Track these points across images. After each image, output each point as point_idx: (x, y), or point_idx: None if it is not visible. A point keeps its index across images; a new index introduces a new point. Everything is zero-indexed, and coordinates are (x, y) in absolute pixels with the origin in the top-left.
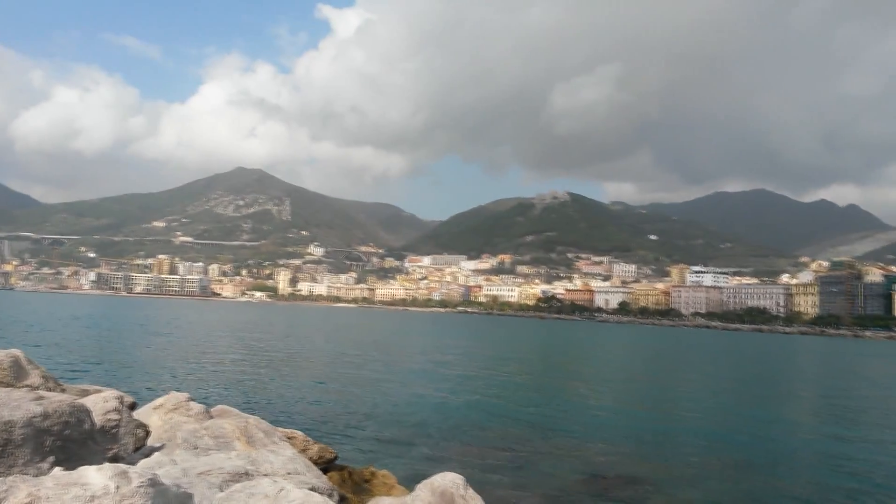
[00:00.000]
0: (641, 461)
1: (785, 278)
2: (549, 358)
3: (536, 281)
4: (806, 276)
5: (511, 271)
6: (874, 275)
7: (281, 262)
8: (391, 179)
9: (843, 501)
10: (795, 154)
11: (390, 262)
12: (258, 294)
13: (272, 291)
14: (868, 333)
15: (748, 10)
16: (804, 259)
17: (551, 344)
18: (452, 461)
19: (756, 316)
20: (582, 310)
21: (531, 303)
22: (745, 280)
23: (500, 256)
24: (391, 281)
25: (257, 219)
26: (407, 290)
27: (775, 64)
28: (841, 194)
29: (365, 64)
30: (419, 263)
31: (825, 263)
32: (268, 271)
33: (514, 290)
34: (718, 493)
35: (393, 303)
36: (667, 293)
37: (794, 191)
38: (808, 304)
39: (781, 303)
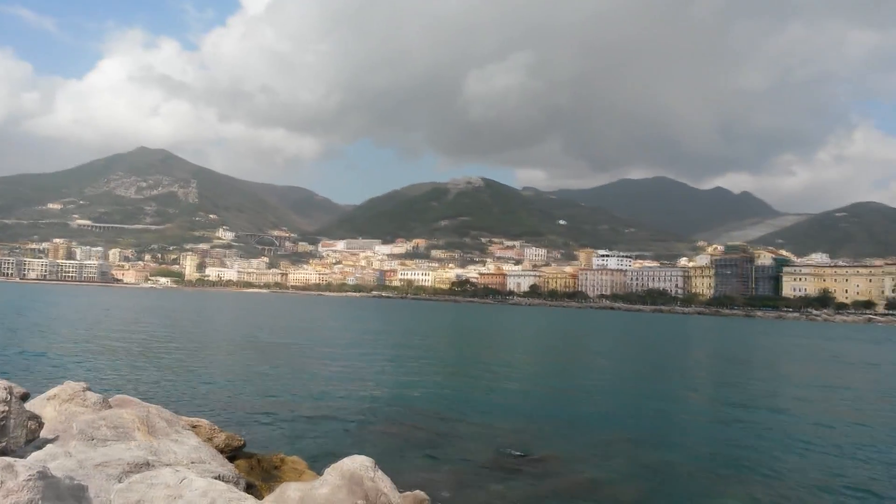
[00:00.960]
0: (549, 439)
1: (683, 261)
2: (461, 341)
3: (451, 265)
4: (703, 260)
5: (426, 256)
6: (765, 258)
7: (188, 246)
8: (304, 162)
9: (733, 472)
10: (694, 143)
11: (304, 247)
12: (163, 280)
13: (178, 277)
14: (759, 313)
15: (651, 4)
16: (701, 243)
17: (463, 327)
18: (364, 444)
19: (657, 297)
20: (495, 293)
21: (445, 287)
22: (647, 263)
23: (415, 241)
24: (304, 266)
25: (161, 201)
26: (321, 274)
27: (676, 58)
28: (735, 182)
29: (276, 42)
30: (333, 248)
31: (720, 247)
32: (173, 256)
33: (428, 275)
34: (622, 468)
35: (307, 288)
36: (574, 276)
37: (693, 178)
38: (704, 286)
39: (680, 285)
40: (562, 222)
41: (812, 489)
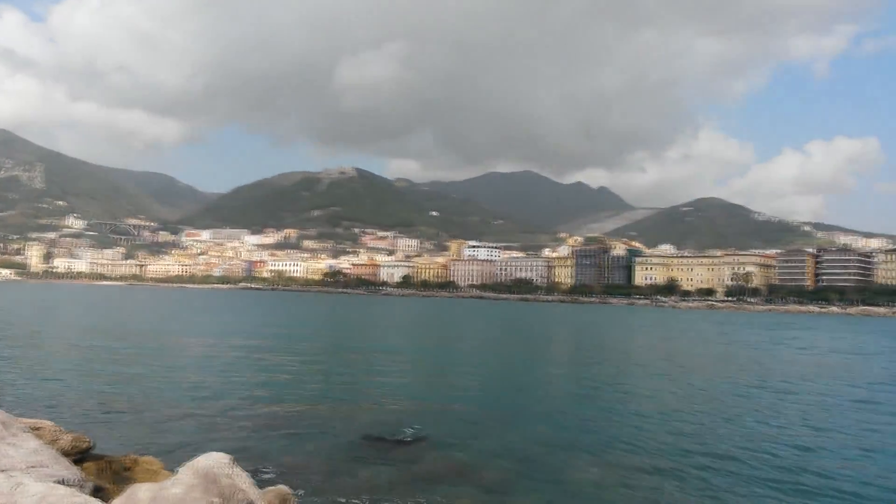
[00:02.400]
0: (420, 423)
1: (547, 252)
2: (331, 331)
3: (322, 256)
4: (564, 251)
5: (297, 246)
6: (619, 249)
7: (32, 235)
8: (165, 147)
9: (592, 445)
10: (557, 139)
11: (165, 237)
12: (4, 272)
13: (21, 268)
14: (613, 300)
15: (518, 4)
16: (563, 235)
17: (334, 317)
18: (226, 441)
19: (522, 286)
20: (367, 284)
21: (317, 277)
22: (514, 254)
23: (286, 231)
24: (165, 256)
25: (2, 186)
26: (183, 265)
27: (541, 58)
28: (594, 177)
29: (135, 18)
30: (198, 238)
31: (580, 239)
32: (16, 246)
33: (299, 265)
34: (490, 448)
35: (168, 279)
36: (446, 267)
37: (556, 172)
38: (565, 276)
39: (544, 274)
40: (434, 214)
41: (661, 454)
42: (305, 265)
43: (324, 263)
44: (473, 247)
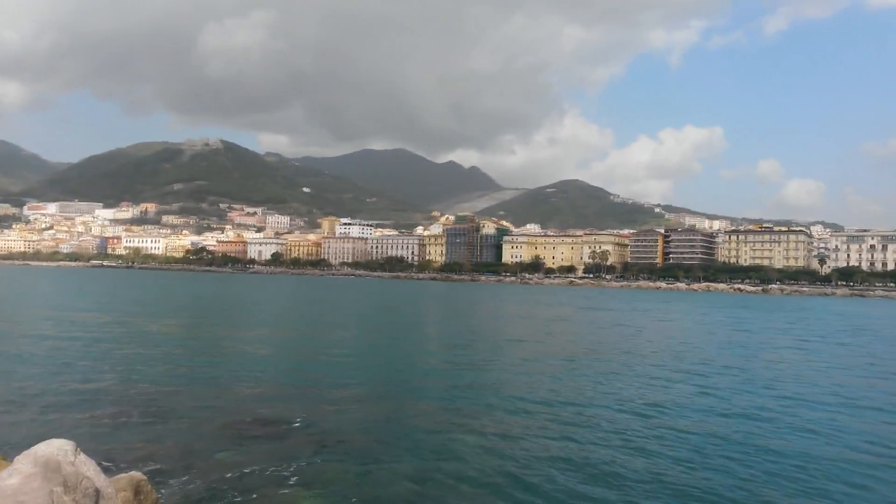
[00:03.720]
0: (286, 402)
1: (419, 230)
2: (192, 311)
3: (185, 232)
4: (436, 229)
5: (156, 221)
6: (489, 228)
7: None
8: (5, 112)
9: (458, 413)
10: (430, 119)
11: (5, 210)
12: None
13: None
14: (483, 278)
15: None
16: (435, 213)
17: (197, 296)
18: (73, 428)
19: (395, 264)
20: (234, 262)
21: (179, 255)
22: (387, 232)
23: (144, 205)
24: (6, 231)
25: None
26: (28, 241)
27: (416, 35)
28: (466, 157)
29: None
30: (43, 211)
31: (452, 217)
32: None
33: (159, 242)
34: (353, 422)
35: (10, 256)
36: (318, 244)
37: (429, 152)
38: (437, 253)
39: (416, 252)
40: (306, 190)
41: (525, 418)
42: (166, 242)
43: (187, 240)
44: (346, 224)
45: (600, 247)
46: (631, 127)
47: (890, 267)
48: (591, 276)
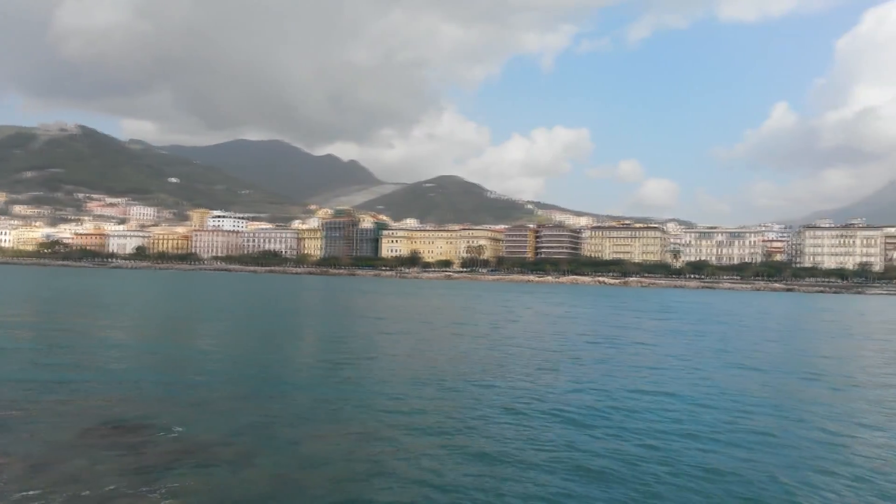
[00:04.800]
0: (149, 406)
1: (296, 224)
2: (40, 308)
3: (38, 223)
4: (313, 223)
5: (5, 212)
6: (367, 222)
7: None
8: None
9: (332, 414)
10: (308, 110)
11: None
12: None
13: None
14: (361, 272)
15: None
16: (313, 206)
17: (47, 292)
18: None
19: (271, 258)
20: (93, 255)
21: (31, 248)
22: (262, 225)
23: None
24: None
25: None
26: None
27: (294, 23)
28: (345, 150)
29: None
30: None
31: (330, 211)
32: None
33: (8, 234)
34: (221, 424)
35: None
36: (187, 237)
37: (307, 144)
38: (314, 247)
39: (293, 246)
40: (173, 180)
41: (393, 416)
42: (16, 234)
43: (39, 232)
44: (218, 217)
45: (476, 241)
46: (506, 125)
47: (735, 261)
48: (468, 269)
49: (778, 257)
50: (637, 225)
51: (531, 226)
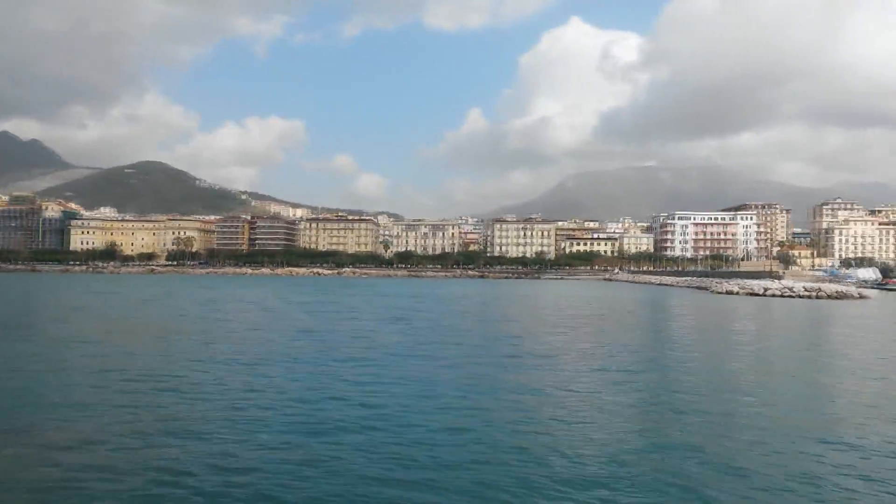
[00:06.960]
0: None
1: None
2: None
3: None
4: None
5: None
6: (53, 210)
7: None
8: None
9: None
10: None
11: None
12: None
13: None
14: (44, 267)
15: None
16: None
17: None
18: None
19: None
20: None
21: None
22: None
23: None
24: None
25: None
26: None
27: None
28: (24, 128)
29: None
30: None
31: (5, 198)
32: None
33: None
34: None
35: None
36: None
37: None
38: None
39: None
40: None
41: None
42: None
43: None
44: None
45: (185, 233)
46: (218, 112)
47: (437, 251)
48: (175, 262)
49: (473, 247)
50: (351, 217)
51: (246, 217)
